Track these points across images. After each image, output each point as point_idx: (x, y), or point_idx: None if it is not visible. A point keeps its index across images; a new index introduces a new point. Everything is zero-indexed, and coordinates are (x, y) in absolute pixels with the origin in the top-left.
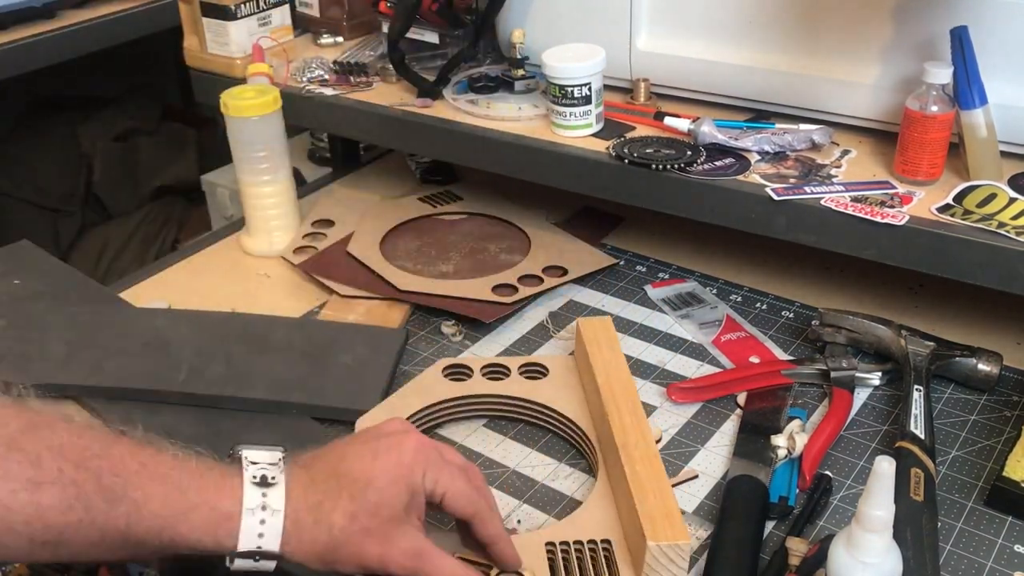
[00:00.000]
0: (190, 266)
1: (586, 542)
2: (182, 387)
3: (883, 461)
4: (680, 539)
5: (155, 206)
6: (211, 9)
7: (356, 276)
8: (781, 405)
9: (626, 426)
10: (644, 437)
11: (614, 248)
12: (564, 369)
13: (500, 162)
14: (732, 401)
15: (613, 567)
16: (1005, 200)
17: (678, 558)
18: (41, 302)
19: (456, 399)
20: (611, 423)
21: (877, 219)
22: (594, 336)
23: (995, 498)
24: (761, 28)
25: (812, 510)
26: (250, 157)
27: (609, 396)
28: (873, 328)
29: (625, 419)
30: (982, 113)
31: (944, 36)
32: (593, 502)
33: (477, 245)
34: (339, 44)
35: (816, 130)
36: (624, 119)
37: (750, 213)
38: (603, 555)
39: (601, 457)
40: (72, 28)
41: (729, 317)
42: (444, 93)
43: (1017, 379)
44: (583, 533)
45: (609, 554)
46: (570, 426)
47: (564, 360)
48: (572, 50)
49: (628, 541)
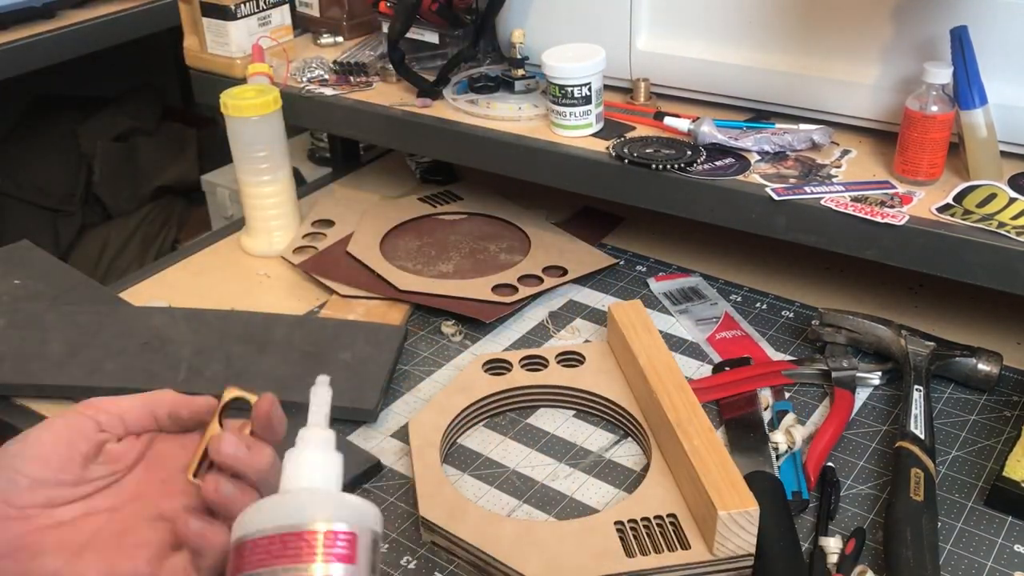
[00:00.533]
0: (190, 266)
1: (653, 518)
2: (182, 387)
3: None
4: (748, 506)
5: (155, 206)
6: (211, 9)
7: (356, 276)
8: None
9: (676, 404)
10: (695, 412)
11: (614, 248)
12: (600, 355)
13: (500, 162)
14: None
15: (683, 539)
16: (1005, 200)
17: (748, 524)
18: (41, 302)
19: (500, 393)
20: (661, 402)
21: (877, 219)
22: (628, 320)
23: (995, 498)
24: (761, 28)
25: (831, 506)
26: (250, 157)
27: (655, 376)
28: (873, 328)
29: (674, 397)
30: (982, 113)
31: (944, 36)
32: (652, 479)
33: (477, 245)
34: (339, 44)
35: (816, 130)
36: (624, 119)
37: (750, 213)
38: (670, 528)
39: (652, 437)
40: (72, 28)
41: (727, 315)
42: (444, 93)
43: (1017, 379)
44: (648, 510)
45: (677, 527)
46: (617, 409)
47: (599, 346)
48: (572, 50)
49: (694, 513)
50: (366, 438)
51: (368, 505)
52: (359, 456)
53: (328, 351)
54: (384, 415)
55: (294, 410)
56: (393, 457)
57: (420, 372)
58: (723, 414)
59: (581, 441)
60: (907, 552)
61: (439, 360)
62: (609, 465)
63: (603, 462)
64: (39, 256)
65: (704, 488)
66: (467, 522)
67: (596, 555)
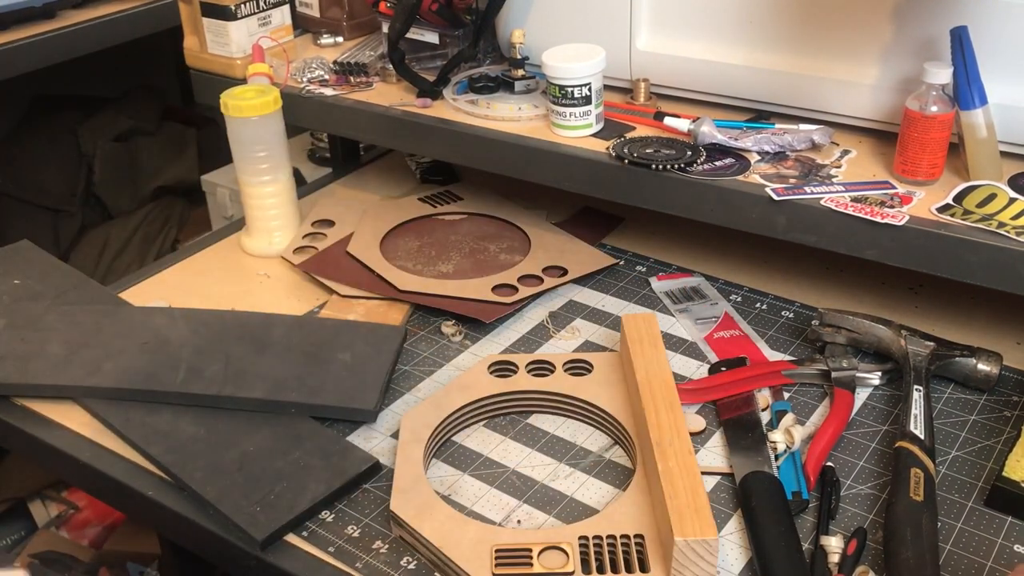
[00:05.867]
0: (190, 266)
1: (619, 536)
2: (181, 387)
3: None
4: (707, 535)
5: (155, 206)
6: (211, 9)
7: (356, 276)
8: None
9: (662, 422)
10: (679, 433)
11: (614, 248)
12: (609, 366)
13: (500, 162)
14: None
15: (645, 562)
16: (1005, 200)
17: (707, 553)
18: (41, 302)
19: (499, 395)
20: (648, 420)
21: (877, 219)
22: (636, 332)
23: (995, 498)
24: (761, 28)
25: (831, 506)
26: (250, 157)
27: (648, 393)
28: (873, 328)
29: (661, 415)
30: (982, 113)
31: (944, 36)
32: (629, 497)
33: (477, 245)
34: (339, 44)
35: (816, 130)
36: (624, 119)
37: (750, 213)
38: (635, 549)
39: (639, 453)
40: (72, 28)
41: (727, 315)
42: (444, 93)
43: (1017, 379)
44: (616, 527)
45: (641, 549)
46: (611, 422)
47: (609, 357)
48: (572, 50)
49: (661, 536)
50: (366, 438)
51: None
52: (358, 456)
53: (328, 351)
54: (384, 415)
55: (293, 410)
56: (392, 457)
57: (420, 372)
58: (721, 414)
59: (581, 441)
60: (907, 552)
61: (439, 360)
62: (609, 465)
63: (603, 462)
64: (39, 256)
65: (667, 511)
66: (433, 521)
67: (553, 568)
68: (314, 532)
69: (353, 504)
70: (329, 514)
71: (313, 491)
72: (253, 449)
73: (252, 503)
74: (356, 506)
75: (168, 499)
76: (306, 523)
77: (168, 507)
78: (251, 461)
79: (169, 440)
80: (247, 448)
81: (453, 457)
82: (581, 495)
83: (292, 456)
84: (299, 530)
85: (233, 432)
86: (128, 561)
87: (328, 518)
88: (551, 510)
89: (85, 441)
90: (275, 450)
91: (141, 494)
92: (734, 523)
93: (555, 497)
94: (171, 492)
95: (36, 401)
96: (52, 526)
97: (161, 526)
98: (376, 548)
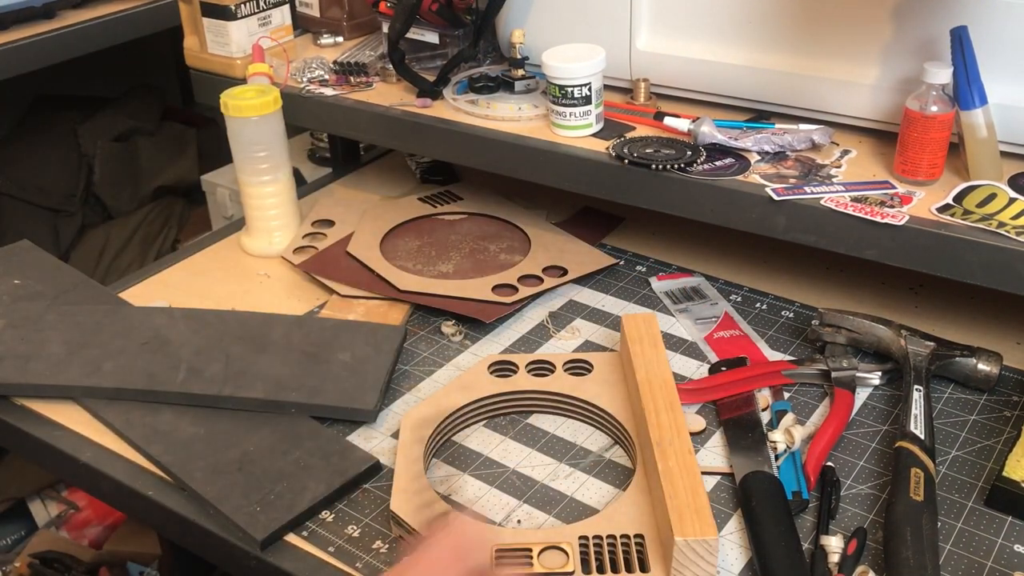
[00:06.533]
0: (190, 266)
1: (619, 536)
2: (181, 387)
3: None
4: (707, 535)
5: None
6: (211, 9)
7: (356, 276)
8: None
9: (662, 422)
10: (679, 433)
11: (614, 248)
12: (609, 365)
13: (500, 162)
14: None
15: (645, 562)
16: (1005, 200)
17: (706, 553)
18: (41, 302)
19: (499, 394)
20: (648, 420)
21: (877, 219)
22: (636, 332)
23: (995, 498)
24: (761, 28)
25: (831, 505)
26: (250, 157)
27: (648, 393)
28: (873, 328)
29: (661, 415)
30: (982, 113)
31: (944, 36)
32: (629, 497)
33: (477, 245)
34: (339, 44)
35: (816, 130)
36: (624, 119)
37: (750, 213)
38: (635, 549)
39: (639, 453)
40: (72, 28)
41: (727, 315)
42: (444, 93)
43: (1017, 379)
44: (616, 527)
45: (642, 548)
46: (611, 422)
47: (609, 356)
48: (572, 50)
49: (661, 536)
50: (366, 438)
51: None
52: (358, 456)
53: (327, 351)
54: (384, 415)
55: (293, 410)
56: (393, 457)
57: (420, 372)
58: (721, 414)
59: (581, 441)
60: (907, 552)
61: (439, 360)
62: (609, 465)
63: (603, 462)
64: (39, 256)
65: (667, 511)
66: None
67: (553, 568)
68: (314, 532)
69: (353, 504)
70: (329, 514)
71: (313, 491)
72: (253, 449)
73: (252, 503)
74: (356, 506)
75: (168, 499)
76: (306, 523)
77: (168, 507)
78: (251, 461)
79: (169, 440)
80: (247, 448)
81: (453, 457)
82: (581, 495)
83: (292, 456)
84: (299, 530)
85: (233, 432)
86: (128, 561)
87: (328, 518)
88: (551, 510)
89: (85, 441)
90: (275, 450)
91: (141, 494)
92: (734, 523)
93: (555, 497)
94: (171, 492)
95: (36, 401)
96: (52, 526)
97: (161, 526)
98: (376, 548)
